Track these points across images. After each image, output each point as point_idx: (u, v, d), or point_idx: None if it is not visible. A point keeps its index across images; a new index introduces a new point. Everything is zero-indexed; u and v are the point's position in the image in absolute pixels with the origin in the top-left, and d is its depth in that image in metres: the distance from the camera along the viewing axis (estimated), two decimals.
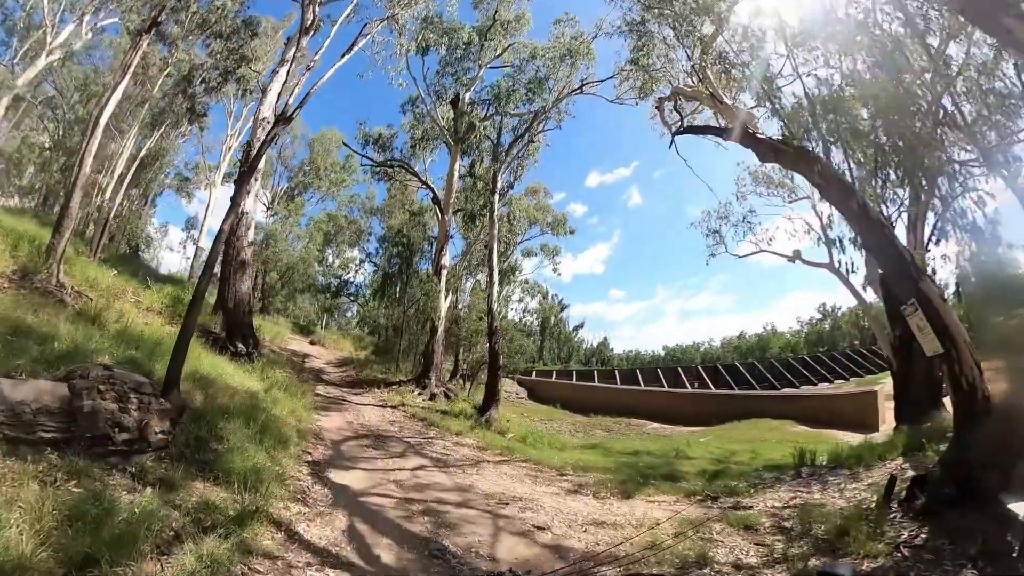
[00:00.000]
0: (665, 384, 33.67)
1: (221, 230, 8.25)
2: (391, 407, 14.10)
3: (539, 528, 5.66)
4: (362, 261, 33.43)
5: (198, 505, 5.26)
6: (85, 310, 10.39)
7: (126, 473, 5.71)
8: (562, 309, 51.88)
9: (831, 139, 9.92)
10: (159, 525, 4.74)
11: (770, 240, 18.48)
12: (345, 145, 21.17)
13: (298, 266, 30.02)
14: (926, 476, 5.45)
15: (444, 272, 17.75)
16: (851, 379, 33.52)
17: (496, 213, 16.93)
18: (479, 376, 19.67)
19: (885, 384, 21.15)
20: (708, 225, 19.34)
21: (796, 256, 17.48)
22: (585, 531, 5.82)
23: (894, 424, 11.38)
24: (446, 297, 17.84)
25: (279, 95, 17.29)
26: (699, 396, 26.92)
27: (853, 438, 13.58)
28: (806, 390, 28.74)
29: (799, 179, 18.63)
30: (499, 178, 17.37)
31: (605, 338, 64.46)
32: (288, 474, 6.62)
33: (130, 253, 26.16)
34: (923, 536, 4.54)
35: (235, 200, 15.29)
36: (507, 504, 6.84)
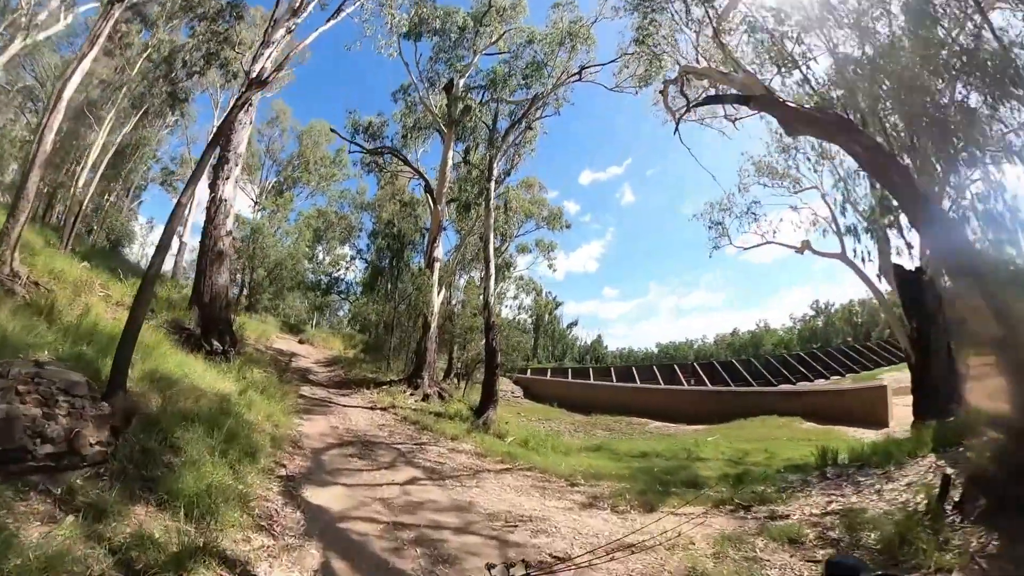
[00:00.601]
0: (661, 381, 32.84)
1: (175, 211, 7.04)
2: (381, 409, 12.95)
3: (558, 559, 4.56)
4: (353, 258, 32.17)
5: (132, 539, 4.13)
6: (36, 301, 9.26)
7: (48, 496, 4.58)
8: (557, 306, 50.85)
9: (870, 109, 8.91)
10: (74, 569, 3.64)
11: (774, 232, 17.84)
12: (333, 131, 19.84)
13: (286, 262, 28.69)
14: (986, 476, 4.96)
15: (437, 265, 16.60)
16: (847, 375, 33.03)
17: (492, 202, 15.80)
18: (475, 375, 18.55)
19: (886, 379, 20.89)
20: (711, 217, 18.69)
21: (805, 247, 16.80)
22: (612, 559, 4.74)
23: (912, 419, 10.94)
24: (439, 292, 16.70)
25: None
26: (702, 393, 26.01)
27: (865, 434, 13.25)
28: (812, 386, 27.91)
29: (804, 169, 17.71)
30: (495, 165, 16.27)
31: (599, 336, 63.49)
32: (254, 494, 5.49)
33: (109, 247, 24.77)
34: (994, 544, 4.11)
35: (212, 186, 14.20)
36: (516, 526, 5.73)
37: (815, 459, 8.62)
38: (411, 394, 14.84)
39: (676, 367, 37.89)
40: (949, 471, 5.72)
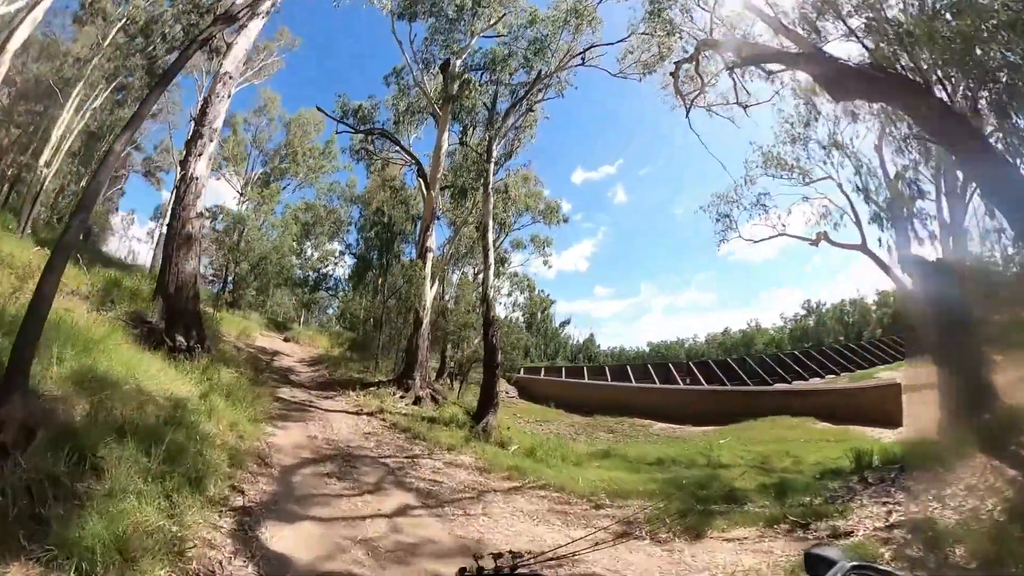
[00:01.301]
0: (657, 380, 31.64)
1: (107, 159, 5.51)
2: (367, 414, 11.45)
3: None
4: (342, 253, 30.49)
5: None
6: None
7: None
8: (550, 304, 49.28)
9: (942, 67, 7.61)
10: None
11: (784, 225, 16.76)
12: (320, 110, 18.32)
13: (271, 256, 26.96)
14: None
15: (430, 256, 15.10)
16: (842, 374, 32.22)
17: (491, 185, 14.35)
18: (470, 375, 17.08)
19: (897, 377, 19.34)
20: (718, 209, 17.39)
21: (820, 238, 15.89)
22: None
23: (929, 418, 9.91)
24: (432, 285, 15.18)
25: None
26: (708, 393, 24.86)
27: (882, 434, 12.80)
28: (823, 384, 26.87)
29: (817, 157, 16.50)
30: (494, 147, 14.83)
31: (591, 334, 61.84)
32: (194, 537, 3.99)
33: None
34: None
35: (183, 163, 12.61)
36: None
37: (849, 463, 8.17)
38: (401, 396, 13.35)
39: (671, 366, 36.70)
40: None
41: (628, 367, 38.80)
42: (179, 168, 12.01)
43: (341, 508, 5.57)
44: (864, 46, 9.37)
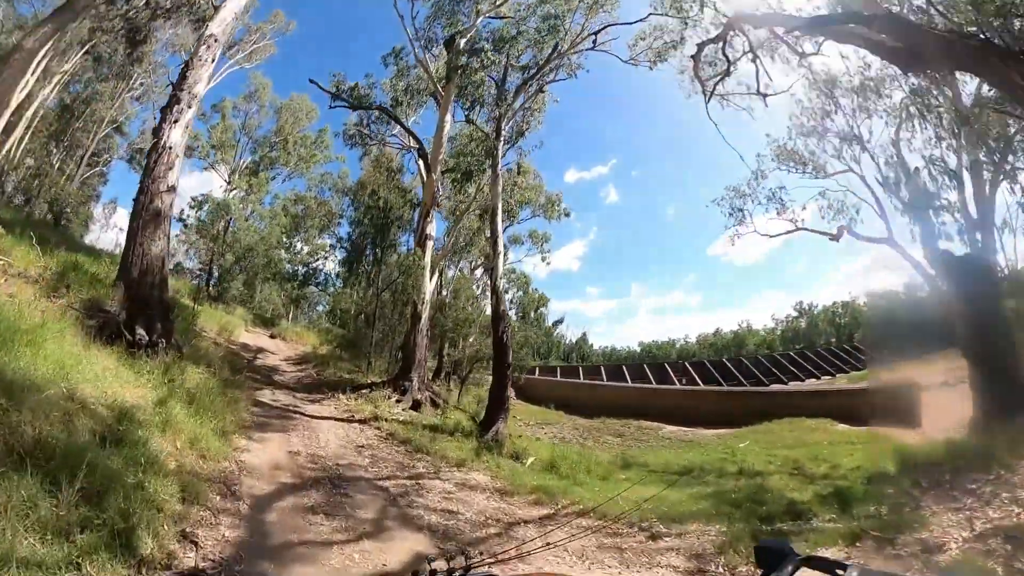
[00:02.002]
0: (653, 380, 30.47)
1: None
2: (360, 422, 9.88)
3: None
4: (332, 247, 28.79)
5: None
6: None
7: None
8: (546, 302, 47.71)
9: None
10: None
11: (800, 220, 16.42)
12: (312, 82, 16.61)
13: (258, 247, 25.14)
14: None
15: (430, 244, 13.52)
16: (837, 375, 31.53)
17: (500, 167, 12.84)
18: (472, 376, 15.52)
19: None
20: (731, 203, 16.89)
21: (842, 232, 15.52)
22: None
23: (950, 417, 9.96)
24: (432, 276, 13.58)
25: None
26: (717, 394, 23.64)
27: (904, 435, 11.56)
28: (839, 384, 25.85)
29: (833, 151, 16.24)
30: (503, 126, 13.30)
31: (584, 334, 60.30)
32: None
33: (52, 220, 21.01)
34: None
35: (156, 130, 10.94)
36: None
37: (893, 466, 7.63)
38: (397, 400, 11.79)
39: (667, 366, 35.60)
40: None
41: (624, 367, 37.59)
42: (152, 136, 10.35)
43: (331, 564, 4.01)
44: (939, 11, 8.10)
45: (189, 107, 10.62)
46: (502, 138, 13.16)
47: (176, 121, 10.21)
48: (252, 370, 12.89)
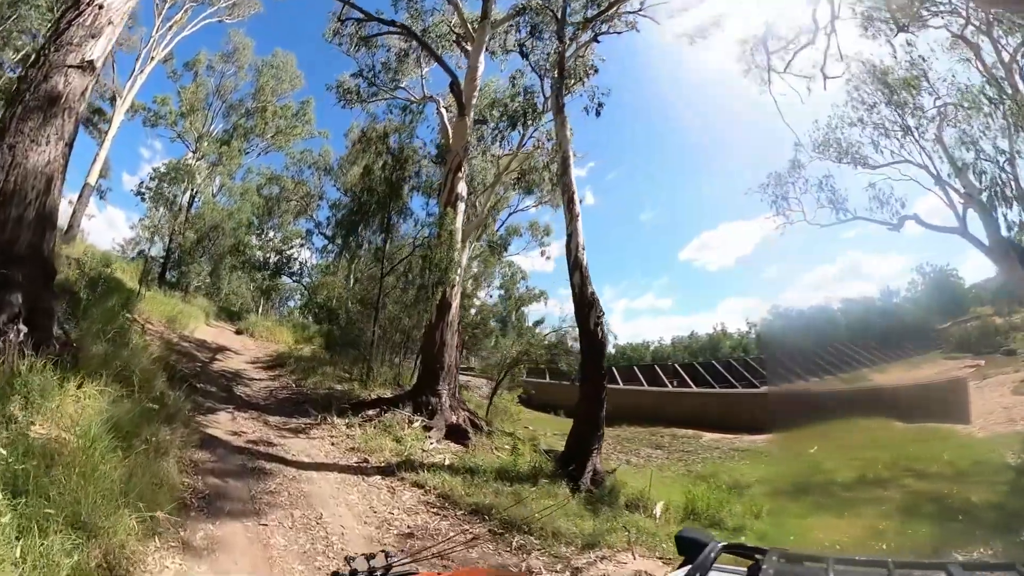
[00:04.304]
0: (644, 382, 27.59)
1: None
2: (382, 472, 5.71)
3: None
4: (310, 232, 24.16)
5: None
6: None
7: None
8: (541, 295, 43.24)
9: None
10: None
11: (849, 212, 15.54)
12: None
13: (225, 225, 20.28)
14: None
15: (461, 207, 9.33)
16: (837, 375, 29.70)
17: (565, 113, 8.90)
18: (504, 385, 11.39)
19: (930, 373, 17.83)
20: (773, 191, 16.05)
21: (903, 221, 14.71)
22: None
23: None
24: (464, 250, 9.43)
25: None
26: (749, 396, 20.96)
27: (968, 431, 10.94)
28: (888, 381, 23.40)
29: (894, 137, 14.83)
30: (565, 64, 9.42)
31: (564, 333, 56.59)
32: None
33: None
34: None
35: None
36: None
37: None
38: (423, 424, 7.60)
39: (657, 368, 32.84)
40: None
41: (613, 368, 34.59)
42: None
43: None
44: None
45: None
46: (564, 76, 9.24)
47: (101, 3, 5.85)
48: (206, 379, 8.48)
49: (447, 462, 6.27)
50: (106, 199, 25.29)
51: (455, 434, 7.62)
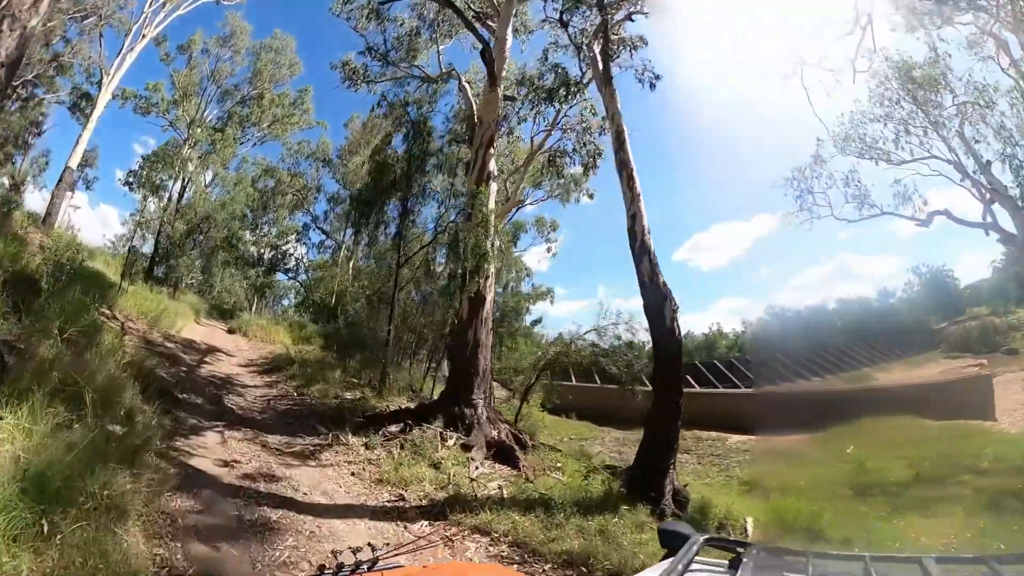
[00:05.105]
0: (646, 383, 26.22)
1: None
2: (424, 512, 4.21)
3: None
4: (307, 226, 22.59)
5: None
6: None
7: None
8: (547, 293, 41.53)
9: None
10: None
11: (878, 206, 15.08)
12: None
13: (217, 215, 18.58)
14: None
15: (493, 187, 7.82)
16: (827, 376, 29.23)
17: (614, 85, 7.48)
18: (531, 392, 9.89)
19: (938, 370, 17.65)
20: (800, 185, 15.49)
21: (933, 216, 14.48)
22: None
23: None
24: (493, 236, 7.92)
25: None
26: (759, 396, 20.20)
27: (999, 427, 10.82)
28: (916, 378, 22.74)
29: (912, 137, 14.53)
30: (610, 33, 8.02)
31: (560, 334, 55.00)
32: None
33: None
34: None
35: None
36: None
37: None
38: (462, 443, 6.12)
39: None
40: None
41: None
42: None
43: None
44: None
45: None
46: (610, 44, 7.84)
47: None
48: (191, 387, 6.93)
49: (505, 493, 4.82)
50: (93, 188, 23.49)
51: (501, 453, 6.15)
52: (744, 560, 1.01)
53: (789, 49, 13.83)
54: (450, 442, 6.15)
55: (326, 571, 1.33)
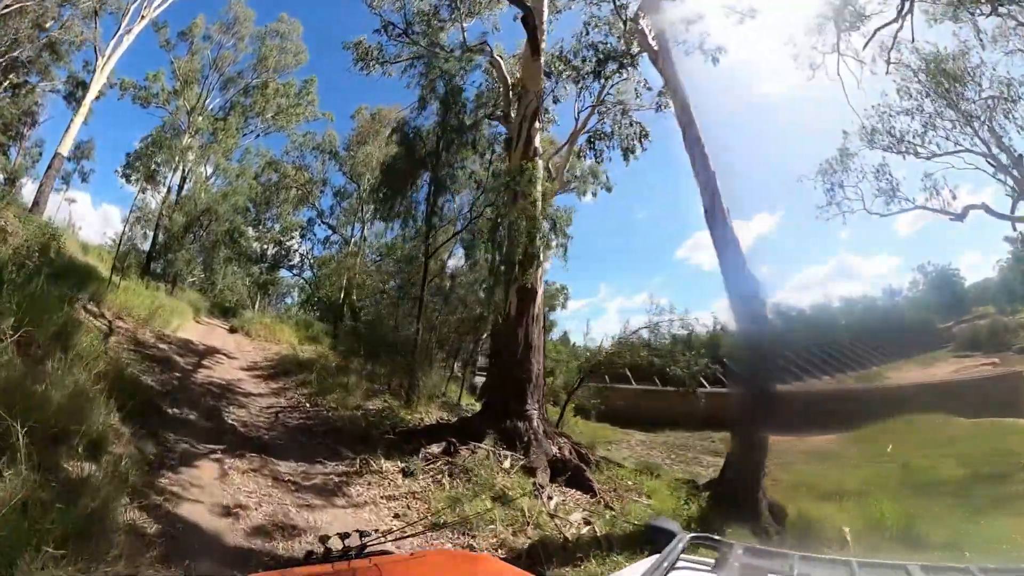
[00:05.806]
0: (658, 383, 25.52)
1: None
2: None
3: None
4: (312, 221, 21.40)
5: None
6: None
7: None
8: (562, 290, 40.12)
9: None
10: None
11: (909, 200, 14.41)
12: None
13: (218, 207, 17.25)
14: None
15: (540, 164, 6.55)
16: (836, 375, 28.85)
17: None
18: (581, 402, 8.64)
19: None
20: (830, 178, 14.76)
21: (967, 211, 13.82)
22: None
23: None
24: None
25: None
26: (787, 395, 19.17)
27: None
28: (952, 376, 22.02)
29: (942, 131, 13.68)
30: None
31: (565, 332, 53.68)
32: None
33: None
34: None
35: None
36: None
37: None
38: (524, 465, 4.87)
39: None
40: None
41: (627, 370, 32.54)
42: None
43: None
44: None
45: None
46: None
47: None
48: (185, 398, 5.64)
49: (597, 531, 3.58)
50: (88, 181, 22.10)
51: (567, 475, 4.88)
52: (729, 560, 1.00)
53: (809, 43, 12.44)
54: (506, 464, 4.89)
55: (314, 556, 1.28)
